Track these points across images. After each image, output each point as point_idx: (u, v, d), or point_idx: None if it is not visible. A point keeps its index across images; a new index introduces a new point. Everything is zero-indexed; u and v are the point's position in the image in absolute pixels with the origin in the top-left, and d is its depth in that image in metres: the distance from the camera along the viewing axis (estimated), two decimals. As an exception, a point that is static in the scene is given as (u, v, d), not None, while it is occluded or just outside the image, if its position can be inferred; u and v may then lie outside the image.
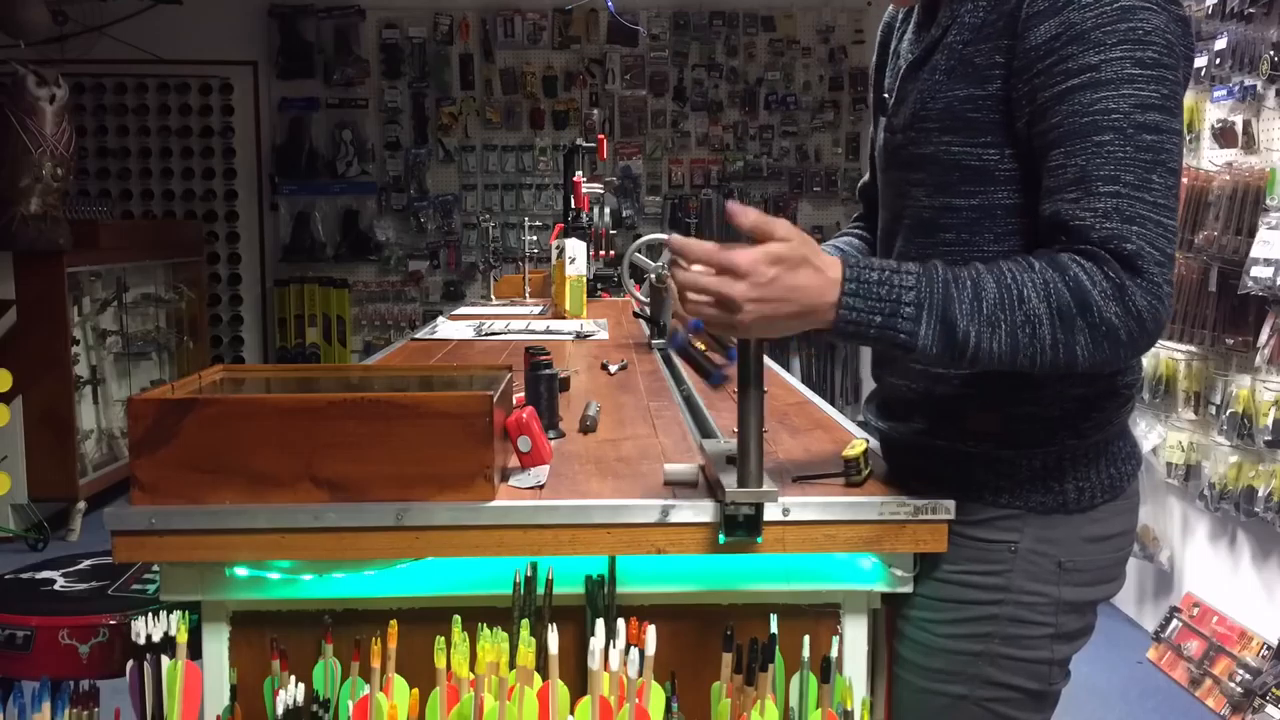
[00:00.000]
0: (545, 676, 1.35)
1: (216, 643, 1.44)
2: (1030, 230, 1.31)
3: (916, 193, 1.41)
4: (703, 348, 1.28)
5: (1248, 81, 3.41)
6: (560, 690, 1.35)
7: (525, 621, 1.38)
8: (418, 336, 3.27)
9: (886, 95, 1.49)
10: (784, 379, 2.43)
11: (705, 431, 1.76)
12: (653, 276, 2.91)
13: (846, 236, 1.72)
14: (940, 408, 1.40)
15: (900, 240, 1.45)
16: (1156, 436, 3.87)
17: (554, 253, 3.69)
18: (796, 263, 1.19)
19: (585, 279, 3.63)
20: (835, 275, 1.20)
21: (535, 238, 4.66)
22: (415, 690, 1.35)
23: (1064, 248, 1.22)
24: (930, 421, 1.43)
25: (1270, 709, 3.26)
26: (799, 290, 1.18)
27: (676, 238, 1.23)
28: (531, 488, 1.44)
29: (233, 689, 1.44)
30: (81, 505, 5.18)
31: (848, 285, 1.20)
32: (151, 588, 2.03)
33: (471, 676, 1.33)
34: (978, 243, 1.35)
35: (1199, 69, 3.63)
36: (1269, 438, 3.28)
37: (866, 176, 1.70)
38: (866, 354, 7.77)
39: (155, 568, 2.00)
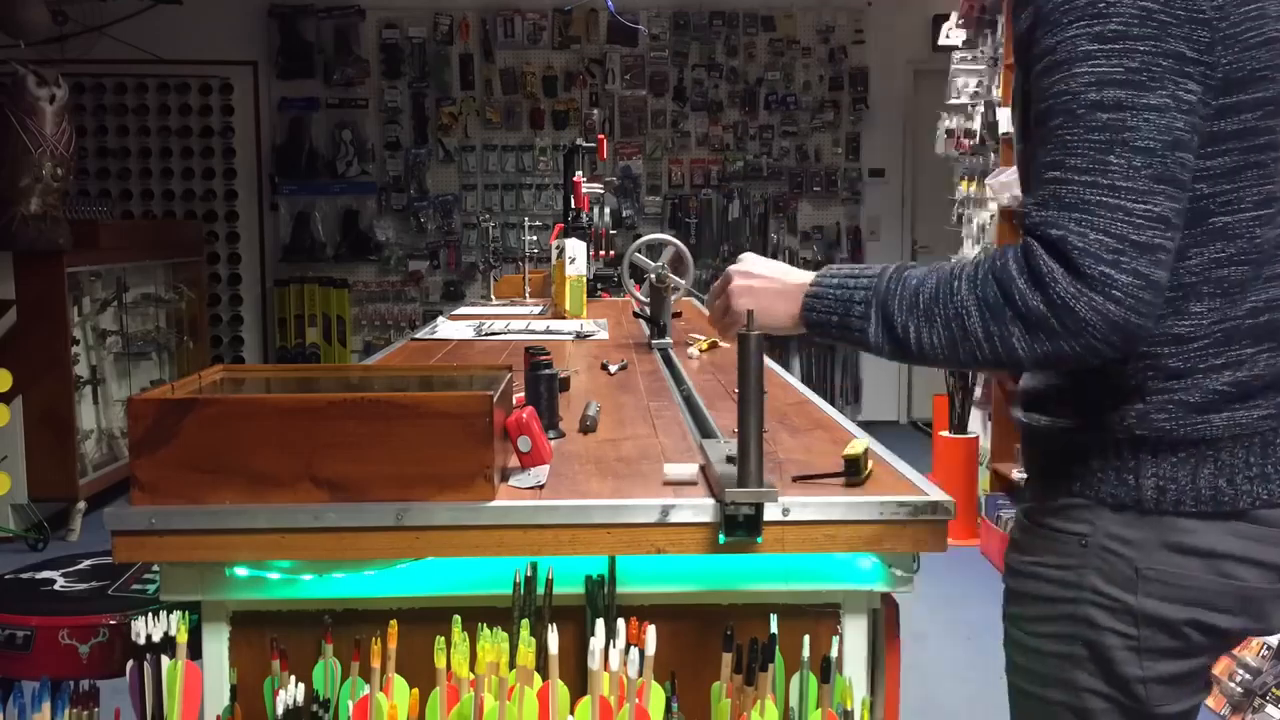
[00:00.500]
0: (545, 676, 1.35)
1: (216, 643, 1.44)
2: None
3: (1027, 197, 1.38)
4: None
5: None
6: (560, 690, 1.35)
7: (525, 621, 1.38)
8: (418, 336, 3.27)
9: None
10: (784, 379, 2.43)
11: (705, 431, 1.76)
12: (653, 276, 2.91)
13: None
14: (1033, 391, 1.34)
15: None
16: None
17: (554, 253, 3.69)
18: (773, 267, 1.38)
19: (585, 279, 3.63)
20: (805, 278, 1.33)
21: (535, 238, 4.66)
22: (415, 690, 1.35)
23: (1017, 241, 1.19)
24: (1022, 401, 1.37)
25: (1270, 709, 3.26)
26: (784, 279, 1.35)
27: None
28: (531, 488, 1.44)
29: (233, 689, 1.44)
30: (81, 505, 5.18)
31: (811, 289, 1.31)
32: (151, 588, 2.03)
33: (471, 676, 1.33)
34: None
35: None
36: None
37: None
38: (866, 355, 7.73)
39: (155, 568, 2.00)
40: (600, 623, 1.36)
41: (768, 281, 1.36)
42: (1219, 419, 1.23)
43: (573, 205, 4.06)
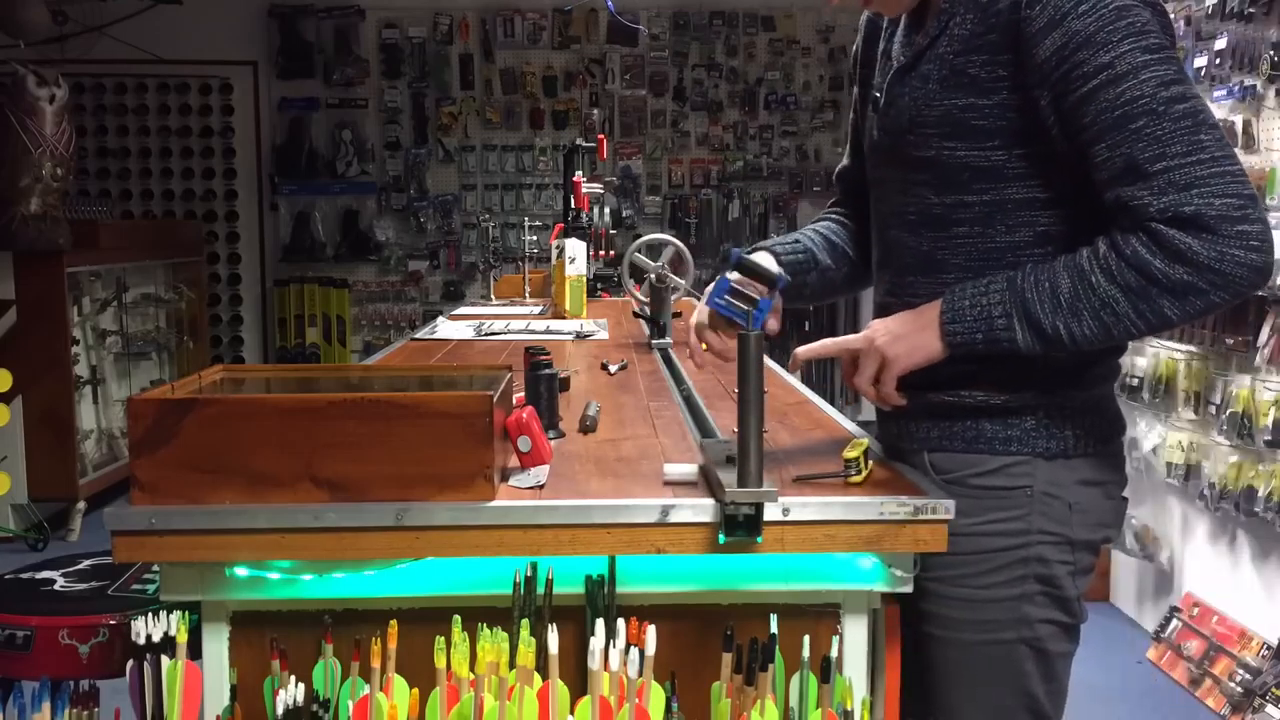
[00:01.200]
0: (545, 676, 1.35)
1: (216, 643, 1.44)
2: (1041, 220, 1.45)
3: (923, 191, 1.51)
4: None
5: (1248, 81, 3.41)
6: (560, 690, 1.35)
7: (525, 621, 1.38)
8: (418, 336, 3.27)
9: (877, 94, 1.58)
10: (784, 379, 2.43)
11: (705, 431, 1.76)
12: (652, 276, 2.91)
13: (825, 223, 1.82)
14: (950, 369, 1.47)
15: (907, 233, 1.55)
16: (1156, 436, 3.87)
17: (554, 253, 3.69)
18: (898, 318, 1.50)
19: (585, 279, 3.63)
20: (933, 312, 1.45)
21: (535, 238, 4.66)
22: (415, 690, 1.35)
23: (1127, 230, 1.34)
24: (939, 382, 1.50)
25: (1270, 709, 3.26)
26: (914, 322, 1.46)
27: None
28: (531, 488, 1.44)
29: (233, 689, 1.44)
30: (81, 505, 5.18)
31: (946, 315, 1.43)
32: (151, 588, 2.03)
33: (471, 676, 1.33)
34: (990, 234, 1.47)
35: (1199, 69, 3.63)
36: (1269, 438, 3.28)
37: (847, 161, 1.81)
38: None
39: (155, 568, 2.00)
40: (600, 623, 1.36)
41: (901, 326, 1.46)
42: (1113, 372, 1.56)
43: (573, 205, 4.06)
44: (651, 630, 1.34)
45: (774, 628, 1.38)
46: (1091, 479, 1.51)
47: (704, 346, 1.58)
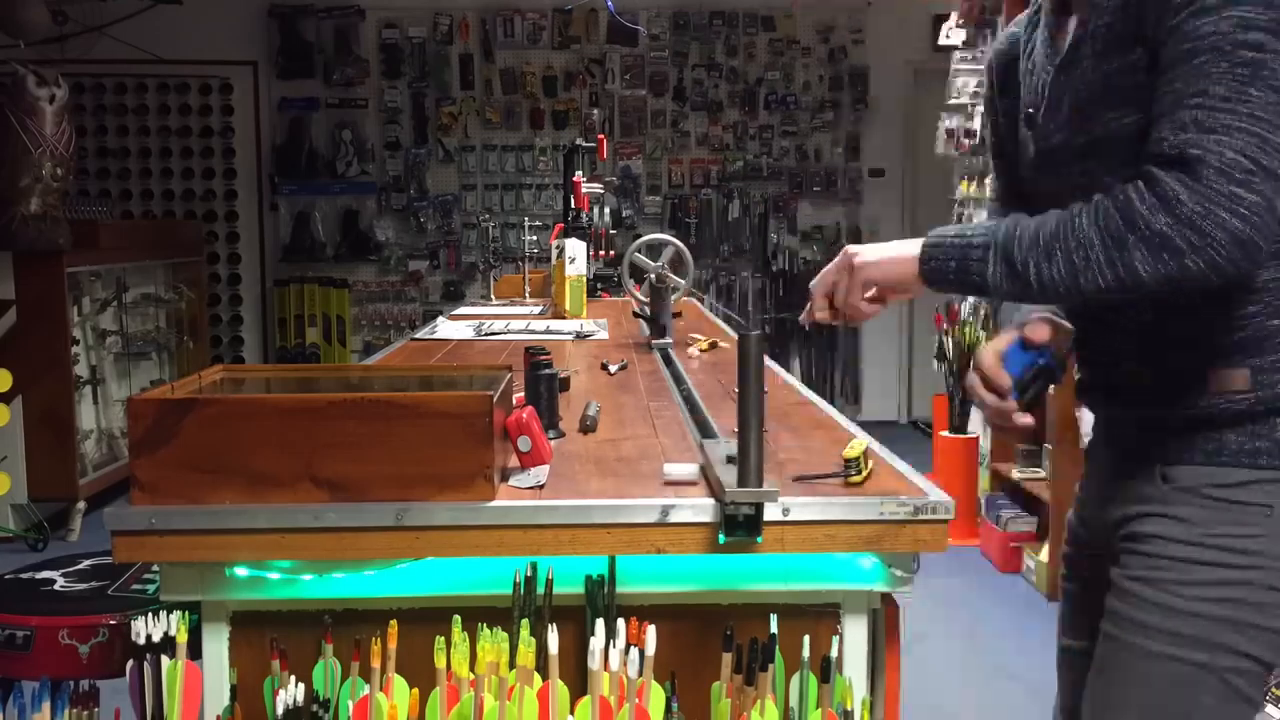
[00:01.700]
0: (545, 676, 1.35)
1: (216, 643, 1.44)
2: None
3: (1100, 176, 1.37)
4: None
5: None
6: (560, 690, 1.35)
7: (525, 621, 1.38)
8: (418, 336, 3.27)
9: (1032, 109, 1.49)
10: (784, 379, 2.43)
11: (705, 431, 1.76)
12: (652, 276, 2.91)
13: None
14: (1179, 378, 1.37)
15: None
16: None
17: (554, 253, 3.69)
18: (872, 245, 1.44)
19: (585, 279, 3.63)
20: (915, 243, 1.38)
21: (535, 238, 4.66)
22: (415, 690, 1.35)
23: (1137, 174, 1.24)
24: (1172, 393, 1.38)
25: (1270, 709, 3.26)
26: (899, 245, 1.40)
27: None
28: (531, 488, 1.44)
29: (233, 689, 1.44)
30: (81, 505, 5.18)
31: (928, 239, 1.36)
32: (151, 588, 2.03)
33: (471, 676, 1.33)
34: None
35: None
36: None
37: (1001, 194, 1.69)
38: (866, 354, 7.78)
39: (155, 568, 2.00)
40: (600, 623, 1.36)
41: (881, 249, 1.41)
42: None
43: (573, 205, 4.06)
44: (651, 630, 1.34)
45: (774, 628, 1.38)
46: None
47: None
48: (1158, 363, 1.40)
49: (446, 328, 3.40)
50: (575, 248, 3.57)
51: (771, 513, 1.35)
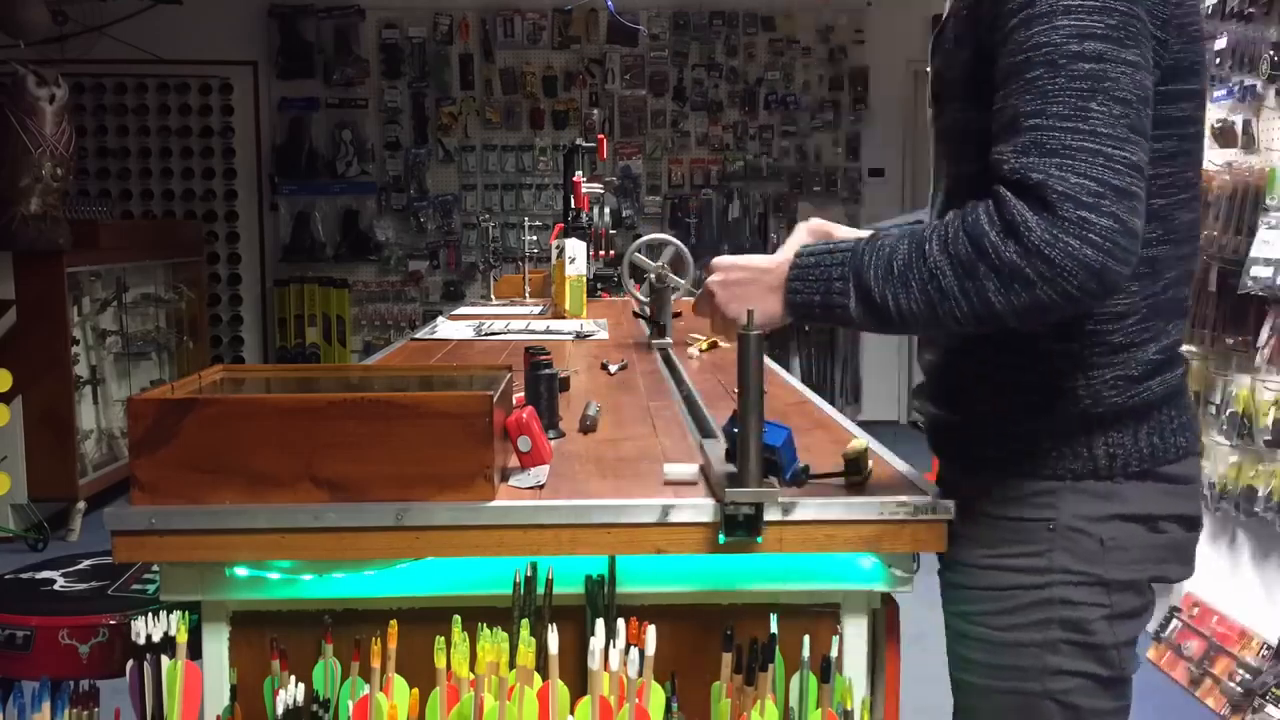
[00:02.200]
0: (545, 676, 1.35)
1: (216, 643, 1.44)
2: None
3: (945, 165, 1.39)
4: None
5: (1248, 81, 3.41)
6: (560, 690, 1.35)
7: (525, 621, 1.38)
8: (418, 336, 3.27)
9: (929, 70, 1.45)
10: (784, 379, 2.43)
11: (705, 431, 1.76)
12: (652, 276, 2.91)
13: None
14: (956, 382, 1.38)
15: (934, 213, 1.44)
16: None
17: (554, 253, 3.69)
18: (746, 261, 1.36)
19: (585, 279, 3.63)
20: (784, 263, 1.30)
21: (535, 238, 4.66)
22: (415, 690, 1.35)
23: (983, 195, 1.17)
24: (949, 399, 1.40)
25: (1270, 709, 3.26)
26: (762, 268, 1.32)
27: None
28: (531, 488, 1.44)
29: (233, 689, 1.44)
30: (81, 505, 5.18)
31: (792, 272, 1.29)
32: (151, 588, 2.03)
33: (471, 676, 1.33)
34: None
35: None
36: (1269, 438, 3.28)
37: None
38: (866, 354, 7.79)
39: (155, 568, 2.00)
40: (600, 623, 1.36)
41: (745, 275, 1.34)
42: (1155, 384, 1.32)
43: (573, 205, 4.06)
44: (651, 630, 1.34)
45: (774, 628, 1.38)
46: (1135, 512, 1.31)
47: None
48: (936, 361, 1.41)
49: (446, 328, 3.40)
50: (575, 248, 3.57)
51: (771, 513, 1.35)
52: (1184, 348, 3.93)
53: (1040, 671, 1.32)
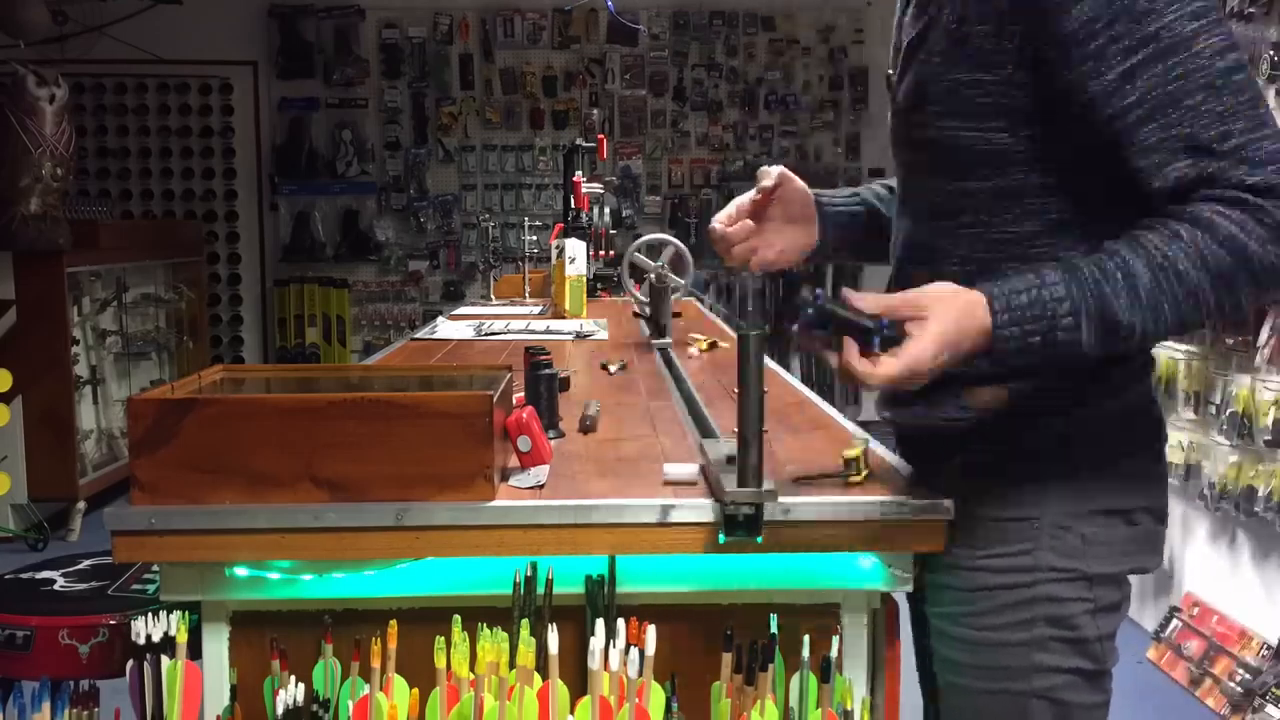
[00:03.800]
0: (545, 676, 1.35)
1: (216, 643, 1.44)
2: (1053, 209, 1.30)
3: (925, 177, 1.39)
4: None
5: (1248, 81, 3.41)
6: (560, 690, 1.35)
7: (525, 621, 1.38)
8: (418, 336, 3.27)
9: (891, 73, 1.46)
10: (784, 379, 2.43)
11: (705, 431, 1.76)
12: (652, 276, 2.91)
13: (875, 188, 1.69)
14: (942, 384, 1.31)
15: (910, 221, 1.44)
16: (1156, 436, 3.87)
17: (554, 253, 3.69)
18: (949, 323, 1.19)
19: (585, 279, 3.63)
20: (983, 313, 1.20)
21: (535, 238, 4.66)
22: (415, 690, 1.35)
23: (1203, 203, 1.18)
24: (933, 400, 1.36)
25: (1270, 709, 3.26)
26: (960, 333, 1.19)
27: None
28: (531, 488, 1.44)
29: (233, 689, 1.44)
30: (81, 505, 5.18)
31: (999, 318, 1.20)
32: (151, 588, 2.03)
33: (471, 676, 1.33)
34: (997, 224, 1.33)
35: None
36: (1269, 437, 3.28)
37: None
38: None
39: (155, 568, 2.00)
40: (600, 623, 1.36)
41: (957, 347, 1.21)
42: (1136, 385, 1.38)
43: (573, 205, 4.06)
44: (651, 630, 1.34)
45: (774, 628, 1.38)
46: (1113, 507, 1.34)
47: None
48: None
49: (446, 328, 3.40)
50: (575, 248, 3.57)
51: (771, 513, 1.35)
52: (1184, 347, 3.91)
53: (1028, 670, 1.34)
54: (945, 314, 1.19)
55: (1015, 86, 1.26)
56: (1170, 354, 3.80)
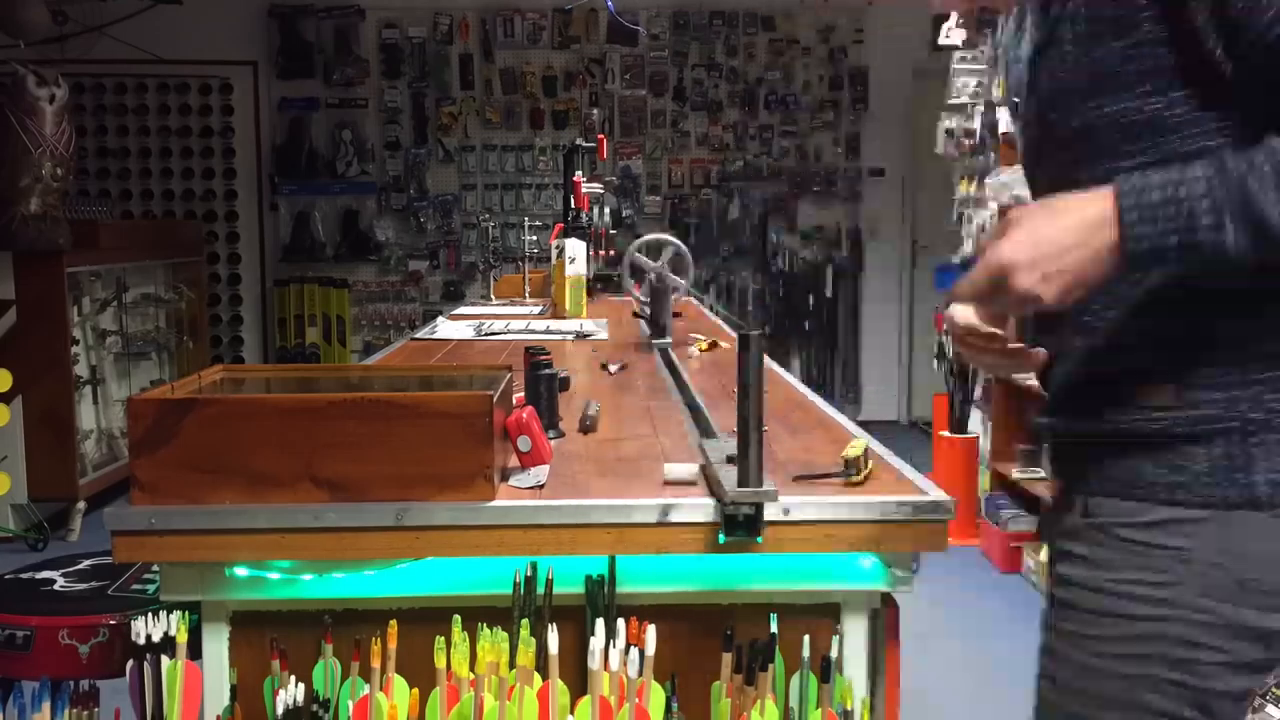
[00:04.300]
0: (545, 676, 1.35)
1: (216, 643, 1.44)
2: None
3: (1073, 171, 1.25)
4: None
5: (1248, 81, 3.41)
6: (560, 690, 1.35)
7: (525, 621, 1.38)
8: (418, 336, 3.27)
9: (1017, 99, 1.37)
10: (784, 379, 2.43)
11: (705, 431, 1.76)
12: (652, 276, 2.91)
13: None
14: (1101, 388, 1.22)
15: None
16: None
17: (554, 253, 3.69)
18: (1039, 217, 1.10)
19: (585, 279, 3.63)
20: (1101, 206, 1.08)
21: (535, 238, 4.66)
22: (415, 690, 1.35)
23: None
24: (1090, 406, 1.24)
25: (1270, 709, 3.26)
26: (1078, 230, 1.09)
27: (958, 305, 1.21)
28: (531, 488, 1.44)
29: (233, 689, 1.44)
30: (81, 505, 5.18)
31: (1127, 215, 1.08)
32: (151, 588, 2.03)
33: (471, 676, 1.33)
34: None
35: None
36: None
37: None
38: (866, 354, 7.78)
39: (155, 568, 2.00)
40: (600, 623, 1.36)
41: (1063, 257, 1.09)
42: None
43: (573, 205, 4.06)
44: (651, 630, 1.34)
45: (774, 628, 1.38)
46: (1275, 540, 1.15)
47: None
48: (1094, 366, 1.24)
49: (446, 328, 3.40)
50: (575, 248, 3.58)
51: (771, 513, 1.35)
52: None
53: (1129, 705, 1.21)
54: (1034, 212, 1.10)
55: (1157, 44, 1.16)
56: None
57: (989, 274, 1.10)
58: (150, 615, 1.46)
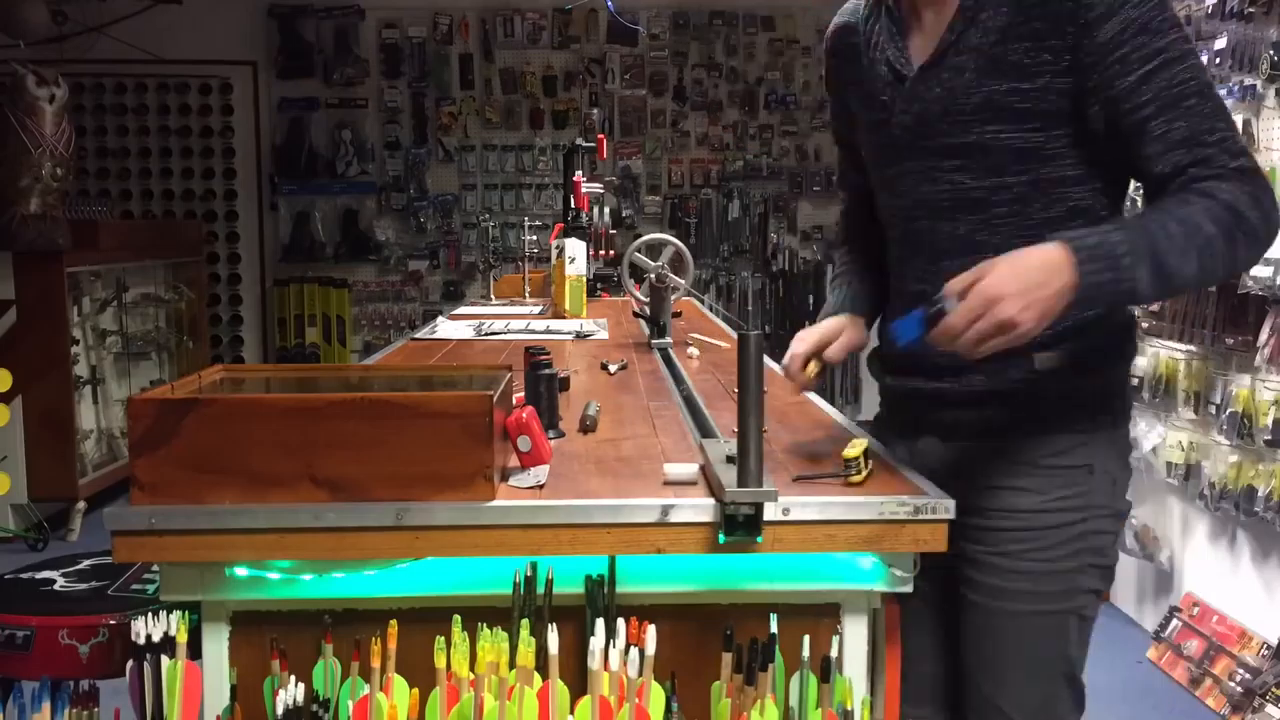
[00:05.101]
0: (545, 676, 1.35)
1: (216, 643, 1.44)
2: (1073, 196, 1.54)
3: (958, 176, 1.58)
4: None
5: (1248, 81, 3.41)
6: (560, 690, 1.35)
7: (525, 621, 1.38)
8: (418, 336, 3.27)
9: (884, 98, 1.65)
10: (784, 379, 2.42)
11: (705, 431, 1.76)
12: (652, 276, 2.91)
13: (849, 286, 1.85)
14: (1007, 351, 1.41)
15: (941, 220, 1.60)
16: (1156, 436, 3.87)
17: (554, 253, 3.69)
18: (1014, 261, 1.36)
19: (585, 279, 3.63)
20: (1059, 254, 1.36)
21: (535, 238, 4.66)
22: (415, 690, 1.35)
23: (1197, 180, 1.42)
24: (994, 367, 1.51)
25: (1270, 709, 3.26)
26: (1043, 270, 1.35)
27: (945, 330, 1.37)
28: (531, 487, 1.44)
29: (233, 689, 1.44)
30: (81, 505, 5.18)
31: (1078, 255, 1.36)
32: (151, 588, 2.03)
33: (471, 676, 1.33)
34: (1028, 212, 1.55)
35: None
36: (1269, 437, 3.28)
37: (846, 168, 1.92)
38: (865, 354, 7.76)
39: (155, 568, 2.00)
40: (600, 623, 1.36)
41: (1040, 291, 1.34)
42: (1132, 349, 1.67)
43: (573, 205, 4.06)
44: (651, 630, 1.34)
45: (774, 628, 1.38)
46: (1123, 454, 1.63)
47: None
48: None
49: (446, 328, 3.40)
50: (575, 248, 3.57)
51: (771, 513, 1.35)
52: (1184, 347, 3.91)
53: (1069, 593, 1.58)
54: (1009, 258, 1.36)
55: (1051, 92, 1.49)
56: (1170, 354, 3.80)
57: (983, 301, 1.32)
58: (150, 615, 1.46)
